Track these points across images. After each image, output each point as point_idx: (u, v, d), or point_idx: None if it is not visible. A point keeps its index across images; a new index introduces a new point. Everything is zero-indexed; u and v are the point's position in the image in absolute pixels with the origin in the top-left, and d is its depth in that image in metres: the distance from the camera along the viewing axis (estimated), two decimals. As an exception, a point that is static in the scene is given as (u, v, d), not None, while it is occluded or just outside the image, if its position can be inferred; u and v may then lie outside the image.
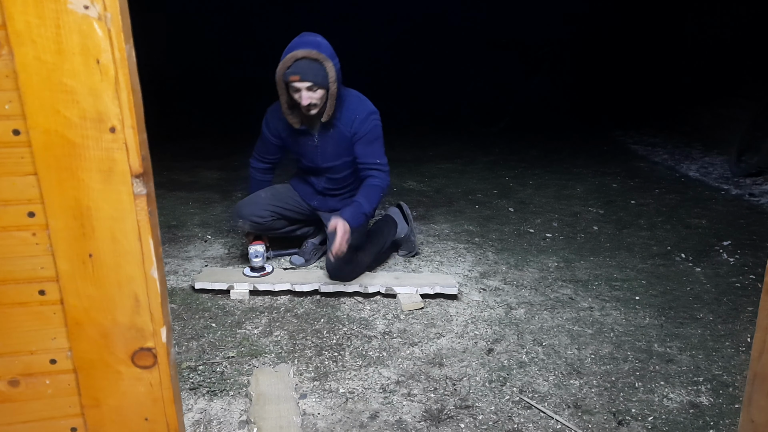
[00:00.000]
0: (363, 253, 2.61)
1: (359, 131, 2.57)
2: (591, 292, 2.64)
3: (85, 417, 0.97)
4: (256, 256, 2.62)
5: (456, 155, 5.39)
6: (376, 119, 2.61)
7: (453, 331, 2.28)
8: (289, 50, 2.39)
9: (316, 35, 2.43)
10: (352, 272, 2.55)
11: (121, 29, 0.81)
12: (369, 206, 2.57)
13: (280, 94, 2.49)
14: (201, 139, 5.88)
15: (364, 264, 2.62)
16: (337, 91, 2.48)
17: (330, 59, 2.39)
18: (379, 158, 2.63)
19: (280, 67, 2.39)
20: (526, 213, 3.76)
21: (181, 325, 2.30)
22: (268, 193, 2.82)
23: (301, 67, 2.36)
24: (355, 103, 2.59)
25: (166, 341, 0.95)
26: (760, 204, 3.98)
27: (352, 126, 2.57)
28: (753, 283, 2.74)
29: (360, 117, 2.56)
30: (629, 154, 5.63)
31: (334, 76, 2.39)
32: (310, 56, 2.35)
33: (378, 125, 2.62)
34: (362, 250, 2.62)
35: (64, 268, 0.89)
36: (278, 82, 2.45)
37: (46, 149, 0.84)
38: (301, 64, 2.36)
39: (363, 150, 2.61)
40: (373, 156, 2.61)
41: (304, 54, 2.35)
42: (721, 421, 1.78)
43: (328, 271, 2.56)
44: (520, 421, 1.77)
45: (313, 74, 2.37)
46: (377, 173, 2.62)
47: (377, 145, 2.62)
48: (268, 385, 1.87)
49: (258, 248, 2.63)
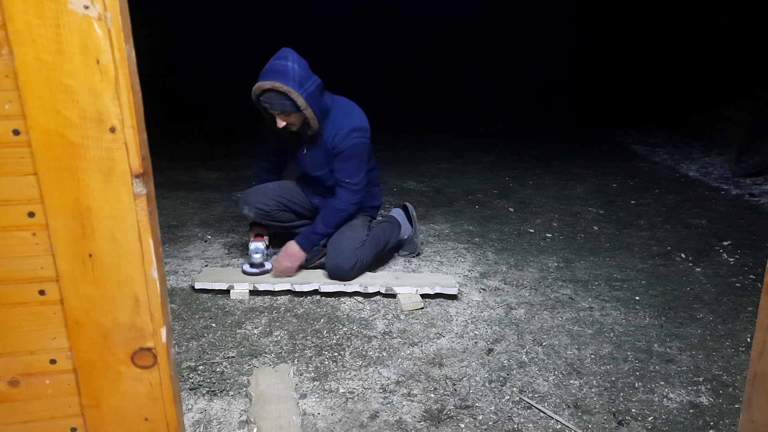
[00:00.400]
0: (363, 252, 2.62)
1: (338, 147, 2.56)
2: (591, 292, 2.64)
3: (85, 417, 0.97)
4: (256, 253, 2.62)
5: (456, 155, 5.39)
6: (358, 136, 2.56)
7: (453, 331, 2.28)
8: (261, 75, 2.39)
9: (287, 56, 2.39)
10: (351, 271, 2.55)
11: (121, 29, 0.81)
12: (324, 228, 2.63)
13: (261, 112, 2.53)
14: (201, 139, 5.87)
15: (364, 264, 2.63)
16: (322, 106, 2.49)
17: (298, 87, 2.35)
18: (350, 177, 2.59)
19: (255, 88, 2.41)
20: (526, 213, 3.76)
21: (181, 325, 2.30)
22: (276, 185, 2.85)
23: (269, 98, 2.38)
24: (340, 117, 2.56)
25: (166, 341, 0.95)
26: (760, 204, 3.98)
27: (334, 140, 2.55)
28: (753, 283, 2.74)
29: (341, 133, 2.54)
30: (629, 154, 5.63)
31: (304, 103, 2.38)
32: (276, 89, 2.34)
33: (359, 143, 2.56)
34: (363, 249, 2.63)
35: (64, 268, 0.89)
36: (255, 103, 2.48)
37: (46, 149, 0.84)
38: (269, 95, 2.37)
39: (338, 166, 2.60)
40: (344, 174, 2.59)
41: (269, 86, 2.35)
42: (721, 421, 1.78)
43: (328, 270, 2.57)
44: (520, 421, 1.77)
45: (281, 105, 2.38)
46: (343, 193, 2.61)
47: (352, 164, 2.58)
48: (268, 385, 1.87)
49: (258, 245, 2.63)
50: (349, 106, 2.64)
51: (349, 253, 2.54)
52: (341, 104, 2.62)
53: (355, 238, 2.62)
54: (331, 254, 2.58)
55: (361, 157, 2.60)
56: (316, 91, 2.43)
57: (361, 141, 2.57)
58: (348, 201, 2.62)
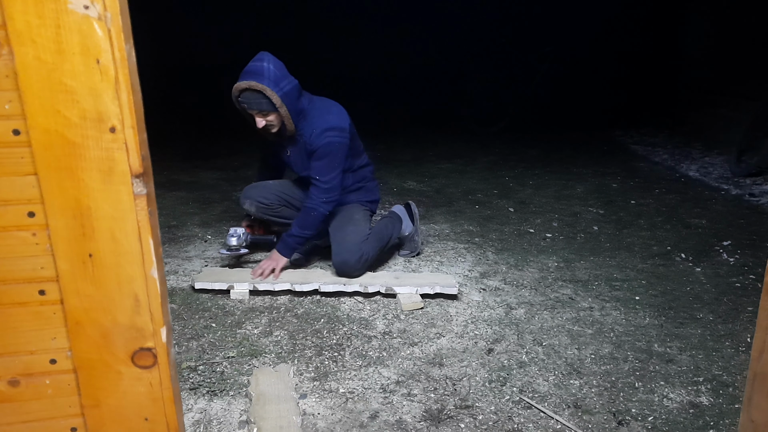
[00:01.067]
0: (368, 246, 2.63)
1: (313, 145, 2.58)
2: (591, 292, 2.64)
3: (85, 417, 0.97)
4: (232, 236, 2.69)
5: (456, 155, 5.39)
6: (332, 135, 2.57)
7: (453, 331, 2.28)
8: (239, 77, 2.45)
9: (263, 58, 2.44)
10: (357, 264, 2.57)
11: (121, 29, 0.81)
12: (298, 230, 2.62)
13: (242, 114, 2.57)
14: (201, 139, 5.88)
15: (369, 258, 2.65)
16: (298, 107, 2.52)
17: (274, 86, 2.41)
18: (320, 175, 2.59)
19: (233, 89, 2.46)
20: (526, 213, 3.76)
21: (181, 325, 2.30)
22: (277, 182, 2.89)
23: (247, 98, 2.45)
24: (315, 117, 2.59)
25: (166, 341, 0.95)
26: (760, 204, 3.98)
27: (310, 139, 2.58)
28: (753, 283, 2.74)
29: (315, 132, 2.56)
30: (629, 154, 5.63)
31: (279, 101, 2.42)
32: (252, 87, 2.41)
33: (332, 142, 2.57)
34: (367, 243, 2.64)
35: (64, 268, 0.89)
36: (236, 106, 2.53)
37: (46, 149, 0.83)
38: (246, 95, 2.44)
39: (311, 164, 2.63)
40: (315, 171, 2.60)
41: (246, 86, 2.42)
42: (721, 421, 1.78)
43: (335, 266, 2.60)
44: (520, 421, 1.77)
45: (257, 104, 2.44)
46: (314, 191, 2.61)
47: (324, 162, 2.59)
48: (268, 385, 1.87)
49: (237, 229, 2.72)
50: (329, 107, 2.65)
51: (353, 248, 2.57)
52: (319, 105, 2.64)
53: (359, 233, 2.64)
54: (336, 250, 2.60)
55: (334, 155, 2.59)
56: (293, 91, 2.48)
57: (336, 140, 2.58)
58: (318, 199, 2.60)
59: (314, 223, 2.62)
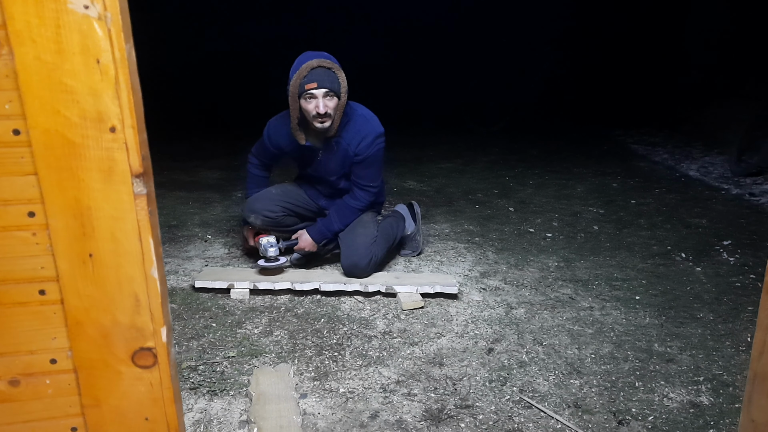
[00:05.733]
0: (377, 248, 2.64)
1: (362, 153, 2.59)
2: (591, 292, 2.64)
3: (86, 417, 0.97)
4: (270, 246, 2.62)
5: (456, 155, 5.39)
6: (381, 142, 2.62)
7: (453, 331, 2.28)
8: (299, 62, 2.43)
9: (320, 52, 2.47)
10: (367, 267, 2.59)
11: (121, 29, 0.81)
12: (340, 225, 2.69)
13: (291, 109, 2.51)
14: (201, 139, 5.88)
15: (378, 260, 2.66)
16: (347, 107, 2.52)
17: (341, 70, 2.45)
18: (372, 181, 2.66)
19: (295, 78, 2.42)
20: (527, 213, 3.76)
21: (181, 325, 2.30)
22: (279, 189, 2.86)
23: (318, 75, 2.40)
24: (361, 123, 2.59)
25: (167, 341, 0.95)
26: (761, 204, 3.98)
27: (358, 146, 2.58)
28: (753, 282, 2.74)
29: (367, 140, 2.57)
30: (629, 153, 5.63)
31: (345, 86, 2.45)
32: (324, 65, 2.41)
33: (382, 148, 2.63)
34: (376, 245, 2.65)
35: (64, 268, 0.89)
36: (291, 96, 2.47)
37: (46, 149, 0.83)
38: (317, 71, 2.41)
39: (360, 171, 2.64)
40: (367, 178, 2.65)
41: (318, 63, 2.41)
42: (721, 420, 1.78)
43: (344, 268, 2.60)
44: (520, 420, 1.77)
45: (330, 81, 2.42)
46: (362, 194, 2.67)
47: (374, 168, 2.65)
48: (269, 385, 1.87)
49: (271, 239, 2.65)
50: (367, 112, 2.66)
51: (363, 250, 2.57)
52: (359, 111, 2.63)
53: (368, 235, 2.65)
54: (346, 253, 2.60)
55: (381, 161, 2.67)
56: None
57: (383, 146, 2.64)
58: (367, 201, 2.69)
59: (351, 221, 2.71)
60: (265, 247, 2.62)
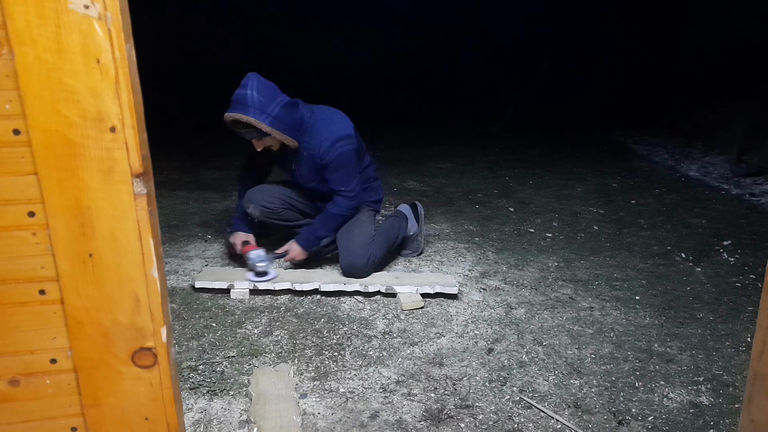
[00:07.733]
0: (375, 247, 2.64)
1: (324, 158, 2.58)
2: (591, 292, 2.64)
3: (86, 416, 0.97)
4: (260, 261, 2.55)
5: (456, 155, 5.39)
6: (342, 145, 2.57)
7: (453, 331, 2.28)
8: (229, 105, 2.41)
9: (247, 84, 2.39)
10: (365, 267, 2.58)
11: (121, 29, 0.81)
12: (323, 231, 2.70)
13: None
14: (201, 139, 5.87)
15: (377, 259, 2.66)
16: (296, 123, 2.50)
17: (260, 114, 2.36)
18: (344, 185, 2.64)
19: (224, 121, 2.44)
20: (527, 213, 3.76)
21: (181, 325, 2.30)
22: (279, 184, 2.88)
23: (237, 129, 2.44)
24: (322, 127, 2.58)
25: (166, 341, 0.95)
26: (761, 204, 3.98)
27: (319, 152, 2.58)
28: (753, 282, 2.74)
29: (325, 145, 2.56)
30: (629, 154, 5.63)
31: (268, 128, 2.39)
32: (238, 120, 2.38)
33: (344, 152, 2.58)
34: (374, 244, 2.65)
35: (64, 268, 0.89)
36: None
37: (46, 149, 0.84)
38: (235, 125, 2.42)
39: (329, 177, 2.64)
40: (338, 183, 2.63)
41: (232, 118, 2.39)
42: (721, 420, 1.78)
43: (342, 269, 2.60)
44: (520, 420, 1.77)
45: (249, 134, 2.44)
46: (339, 199, 2.66)
47: (342, 172, 2.62)
48: (269, 385, 1.87)
49: (260, 252, 2.57)
50: (331, 115, 2.64)
51: (360, 250, 2.58)
52: (321, 116, 2.62)
53: (365, 234, 2.65)
54: (343, 253, 2.61)
55: (348, 164, 2.62)
56: (283, 112, 2.42)
57: (347, 149, 2.59)
58: (346, 207, 2.68)
59: (338, 226, 2.71)
60: (253, 262, 2.55)
